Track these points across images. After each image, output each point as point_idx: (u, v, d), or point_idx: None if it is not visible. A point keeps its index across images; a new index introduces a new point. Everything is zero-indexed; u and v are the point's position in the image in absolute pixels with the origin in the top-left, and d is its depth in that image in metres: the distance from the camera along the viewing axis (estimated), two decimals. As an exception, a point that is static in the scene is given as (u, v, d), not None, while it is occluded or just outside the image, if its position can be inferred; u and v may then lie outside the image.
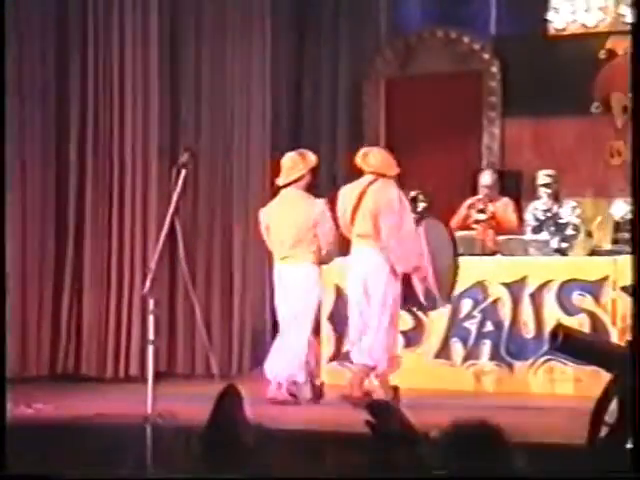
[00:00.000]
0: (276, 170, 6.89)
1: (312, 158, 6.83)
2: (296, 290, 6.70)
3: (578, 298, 7.15)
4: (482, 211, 8.16)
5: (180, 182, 5.50)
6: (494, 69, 9.17)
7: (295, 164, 6.76)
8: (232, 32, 8.74)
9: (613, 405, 3.90)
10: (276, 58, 8.94)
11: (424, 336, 7.58)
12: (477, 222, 8.11)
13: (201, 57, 8.72)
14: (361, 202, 6.63)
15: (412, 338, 7.60)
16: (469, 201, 8.28)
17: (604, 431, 3.86)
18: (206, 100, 8.72)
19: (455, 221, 8.23)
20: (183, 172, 5.52)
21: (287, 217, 6.73)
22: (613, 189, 8.71)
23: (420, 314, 7.57)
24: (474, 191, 8.38)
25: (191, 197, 8.37)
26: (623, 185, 8.75)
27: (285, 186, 6.78)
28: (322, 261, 6.79)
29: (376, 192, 6.65)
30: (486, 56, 9.21)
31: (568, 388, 7.01)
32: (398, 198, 6.64)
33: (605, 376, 4.07)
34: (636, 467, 3.50)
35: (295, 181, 6.72)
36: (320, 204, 6.74)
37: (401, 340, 7.60)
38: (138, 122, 8.41)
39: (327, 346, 7.75)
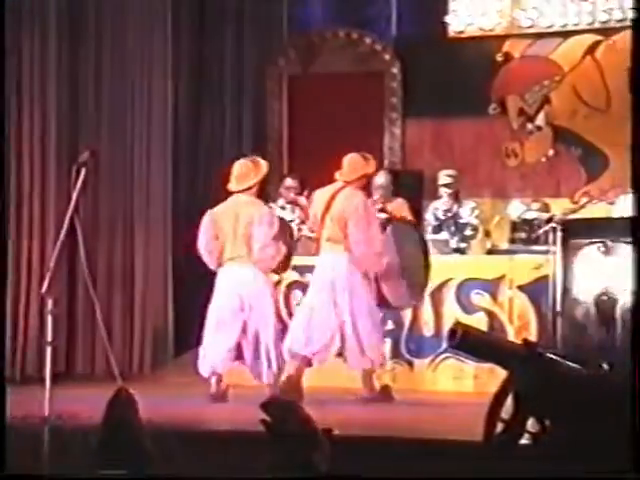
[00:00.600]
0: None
1: (264, 166, 7.03)
2: (241, 289, 6.81)
3: (476, 297, 7.27)
4: (382, 210, 8.23)
5: (80, 181, 5.43)
6: (395, 70, 9.26)
7: (248, 172, 6.94)
8: (133, 31, 8.66)
9: (509, 401, 3.98)
10: (177, 57, 8.88)
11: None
12: (377, 222, 8.17)
13: (101, 55, 8.63)
14: (330, 207, 6.88)
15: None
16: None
17: (500, 427, 3.94)
18: (106, 98, 8.62)
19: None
20: (83, 171, 5.44)
21: (238, 221, 6.86)
22: (510, 190, 8.89)
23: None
24: (376, 191, 8.45)
25: (91, 196, 8.27)
26: (519, 185, 8.95)
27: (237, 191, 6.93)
28: (271, 268, 6.91)
29: (345, 198, 6.89)
30: (387, 57, 9.30)
31: (466, 385, 7.13)
32: (364, 204, 6.87)
33: (502, 373, 4.14)
34: (636, 467, 3.54)
35: (248, 189, 6.91)
36: (265, 209, 6.97)
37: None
38: (36, 120, 8.28)
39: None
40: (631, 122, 4.53)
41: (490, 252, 7.94)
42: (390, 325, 7.46)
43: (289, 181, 8.53)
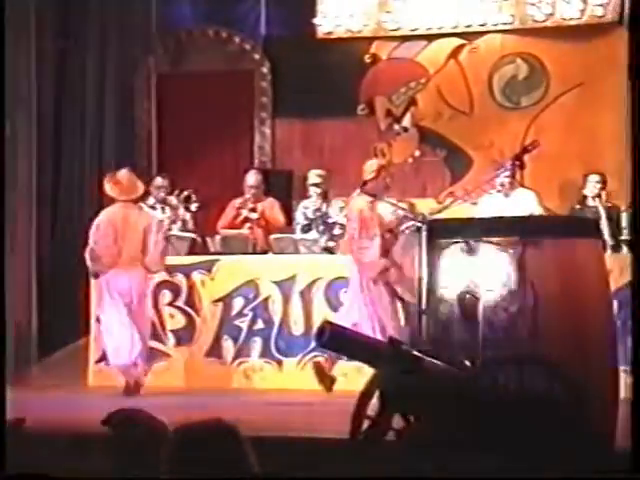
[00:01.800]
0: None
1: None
2: (128, 292, 7.09)
3: (345, 295, 7.34)
4: (253, 210, 8.24)
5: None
6: (265, 69, 9.28)
7: (134, 182, 7.28)
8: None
9: (375, 400, 4.03)
10: (42, 55, 8.69)
11: (195, 335, 7.59)
12: (247, 221, 8.19)
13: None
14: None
15: (183, 337, 7.59)
16: (238, 201, 8.35)
17: (366, 425, 3.99)
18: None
19: (224, 221, 8.29)
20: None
21: (132, 229, 7.16)
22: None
23: (192, 312, 7.58)
24: (247, 190, 8.46)
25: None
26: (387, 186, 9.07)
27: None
28: (149, 269, 7.23)
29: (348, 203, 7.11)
30: (257, 56, 9.31)
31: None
32: (358, 210, 7.00)
33: (369, 371, 4.20)
34: (636, 467, 3.59)
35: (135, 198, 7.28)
36: (157, 217, 7.45)
37: (172, 339, 7.59)
38: None
39: (95, 346, 7.62)
40: (631, 123, 4.64)
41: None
42: (260, 324, 7.48)
43: (159, 180, 8.46)
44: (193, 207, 8.31)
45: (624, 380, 4.71)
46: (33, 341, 8.42)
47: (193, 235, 8.10)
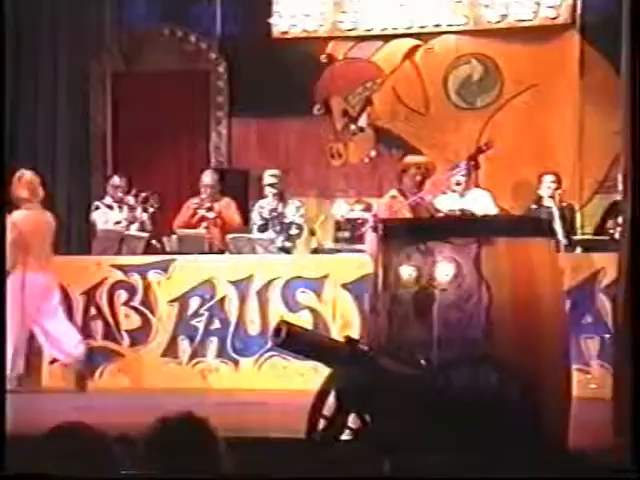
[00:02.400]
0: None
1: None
2: (41, 292, 7.13)
3: (301, 295, 7.35)
4: (210, 209, 8.23)
5: None
6: (221, 69, 9.27)
7: (36, 184, 7.27)
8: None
9: (331, 399, 4.05)
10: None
11: (151, 335, 7.56)
12: (204, 220, 8.18)
13: None
14: None
15: (138, 337, 7.56)
16: (195, 200, 8.34)
17: (322, 424, 4.00)
18: None
19: (180, 220, 8.27)
20: None
21: (43, 230, 7.22)
22: (334, 189, 9.03)
23: (147, 312, 7.55)
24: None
25: None
26: (343, 185, 9.11)
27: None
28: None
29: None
30: (213, 55, 9.29)
31: (291, 383, 7.19)
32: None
33: (325, 370, 4.21)
34: (636, 467, 3.59)
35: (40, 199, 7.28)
36: (50, 216, 7.29)
37: (127, 339, 7.55)
38: None
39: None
40: (630, 123, 4.66)
41: (315, 251, 8.05)
42: (217, 324, 7.47)
43: (116, 180, 8.43)
44: (151, 208, 8.29)
45: (576, 378, 4.76)
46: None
47: (148, 235, 8.07)
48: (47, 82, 9.12)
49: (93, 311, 7.59)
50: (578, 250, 7.40)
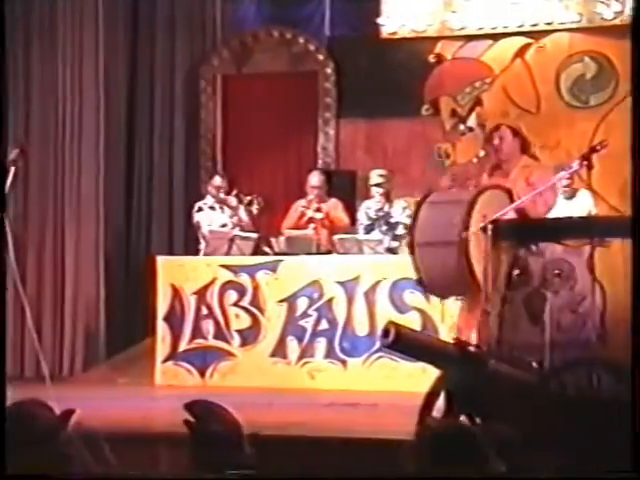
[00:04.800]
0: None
1: None
2: None
3: (409, 296, 7.32)
4: (318, 210, 8.27)
5: (9, 180, 5.35)
6: (329, 70, 9.28)
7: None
8: (63, 27, 8.58)
9: (441, 401, 4.02)
10: (110, 55, 8.81)
11: (260, 335, 7.62)
12: (312, 221, 8.21)
13: (30, 53, 8.53)
14: None
15: (248, 337, 7.63)
16: (302, 202, 8.38)
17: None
18: (37, 96, 8.54)
19: (289, 222, 8.32)
20: (12, 169, 5.36)
21: None
22: (441, 189, 8.95)
23: (257, 312, 7.62)
24: (310, 191, 8.49)
25: (22, 195, 8.18)
26: (451, 186, 9.02)
27: None
28: None
29: None
30: (321, 57, 9.31)
31: (400, 384, 7.16)
32: None
33: (434, 372, 4.18)
34: (636, 467, 3.57)
35: None
36: None
37: (237, 339, 7.63)
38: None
39: (162, 346, 7.69)
40: (631, 124, 4.59)
41: (423, 252, 7.98)
42: (324, 324, 7.49)
43: (218, 180, 8.48)
44: (254, 209, 8.36)
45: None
46: (101, 340, 8.52)
47: (257, 235, 8.15)
48: (165, 86, 9.29)
49: (204, 311, 7.69)
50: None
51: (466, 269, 5.04)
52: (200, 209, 8.39)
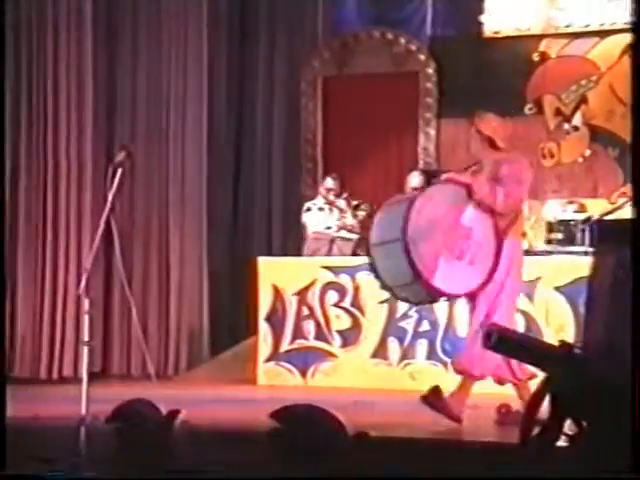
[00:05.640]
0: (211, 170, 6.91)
1: None
2: None
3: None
4: (421, 211, 8.21)
5: (116, 181, 5.45)
6: (430, 70, 9.23)
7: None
8: (168, 30, 8.72)
9: (546, 404, 3.95)
10: (213, 57, 8.92)
11: (361, 335, 7.62)
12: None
13: (137, 55, 8.69)
14: None
15: (348, 337, 7.63)
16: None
17: (537, 430, 3.91)
18: (142, 98, 8.69)
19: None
20: (119, 171, 5.46)
21: None
22: (546, 190, 8.82)
23: (357, 313, 7.61)
24: (410, 192, 8.44)
25: (127, 196, 8.33)
26: (556, 186, 8.88)
27: None
28: None
29: None
30: (422, 57, 9.27)
31: (504, 386, 7.07)
32: None
33: (539, 374, 4.11)
34: (636, 467, 3.51)
35: None
36: None
37: (338, 339, 7.64)
38: (73, 121, 8.35)
39: (264, 346, 7.75)
40: (631, 123, 4.48)
41: (526, 253, 7.88)
42: (426, 326, 7.44)
43: (330, 182, 8.51)
44: (361, 214, 8.37)
45: None
46: (205, 340, 8.63)
47: (357, 236, 8.15)
48: (265, 87, 9.37)
49: (305, 311, 7.73)
50: None
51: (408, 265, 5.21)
52: (309, 209, 8.43)
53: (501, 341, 3.95)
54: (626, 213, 6.60)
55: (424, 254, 5.32)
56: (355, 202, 8.34)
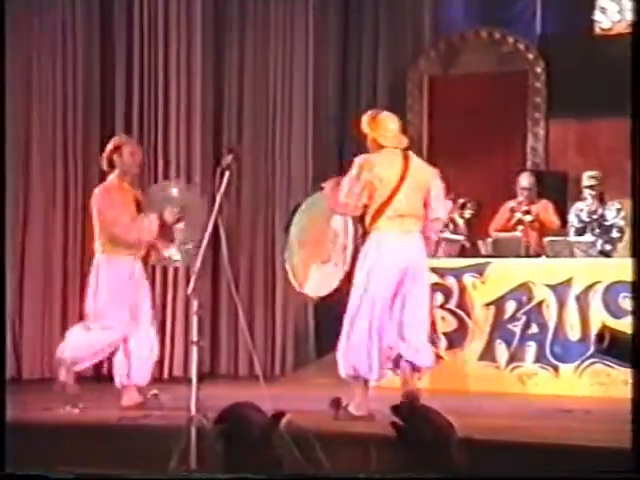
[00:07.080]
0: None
1: None
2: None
3: (625, 300, 7.08)
4: (527, 212, 8.15)
5: (224, 184, 5.50)
6: (539, 69, 9.11)
7: None
8: (275, 31, 8.78)
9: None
10: (318, 58, 8.95)
11: (467, 338, 7.56)
12: (519, 223, 8.10)
13: (244, 58, 8.78)
14: None
15: (455, 339, 7.58)
16: (511, 203, 8.27)
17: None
18: (249, 101, 8.77)
19: (497, 223, 8.23)
20: (227, 174, 5.51)
21: None
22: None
23: (463, 315, 7.55)
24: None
25: (234, 198, 8.42)
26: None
27: None
28: None
29: None
30: (531, 56, 9.15)
31: (615, 391, 6.94)
32: None
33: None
34: (636, 467, 3.46)
35: None
36: None
37: (444, 341, 7.59)
38: (182, 124, 8.47)
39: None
40: (630, 124, 4.35)
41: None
42: (534, 328, 7.35)
43: None
44: (467, 214, 8.30)
45: None
46: (311, 340, 8.66)
47: (463, 237, 8.10)
48: (370, 88, 9.37)
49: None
50: None
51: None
52: None
53: (613, 344, 3.87)
54: None
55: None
56: (461, 200, 8.28)
